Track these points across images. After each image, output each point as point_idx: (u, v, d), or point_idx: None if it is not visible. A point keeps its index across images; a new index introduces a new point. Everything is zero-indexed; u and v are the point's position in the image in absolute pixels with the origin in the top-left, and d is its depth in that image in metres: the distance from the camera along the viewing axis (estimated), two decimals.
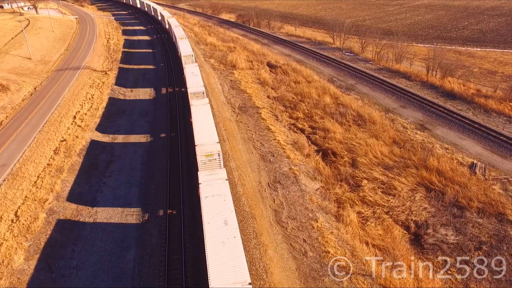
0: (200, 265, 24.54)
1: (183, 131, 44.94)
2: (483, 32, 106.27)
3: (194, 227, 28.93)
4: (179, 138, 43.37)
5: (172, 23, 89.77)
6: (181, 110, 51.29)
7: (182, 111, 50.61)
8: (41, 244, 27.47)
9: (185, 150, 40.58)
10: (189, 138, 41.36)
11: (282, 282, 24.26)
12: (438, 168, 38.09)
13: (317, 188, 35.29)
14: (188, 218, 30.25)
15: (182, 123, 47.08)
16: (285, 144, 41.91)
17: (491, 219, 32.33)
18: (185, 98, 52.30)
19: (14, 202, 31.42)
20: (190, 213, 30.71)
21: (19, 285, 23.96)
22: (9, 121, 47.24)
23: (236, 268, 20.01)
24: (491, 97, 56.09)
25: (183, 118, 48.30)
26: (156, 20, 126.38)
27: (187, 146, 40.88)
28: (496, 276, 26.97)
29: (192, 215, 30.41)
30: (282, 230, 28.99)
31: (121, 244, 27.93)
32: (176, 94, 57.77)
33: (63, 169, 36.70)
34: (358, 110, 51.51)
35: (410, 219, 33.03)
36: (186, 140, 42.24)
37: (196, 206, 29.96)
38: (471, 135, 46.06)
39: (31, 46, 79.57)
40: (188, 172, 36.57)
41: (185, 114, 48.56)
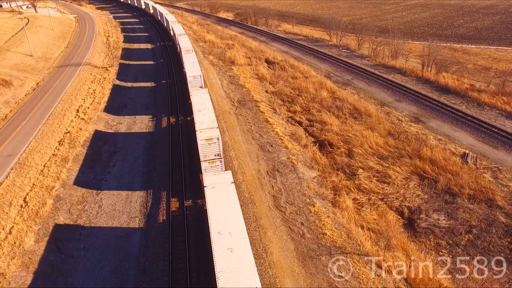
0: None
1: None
2: (478, 30, 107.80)
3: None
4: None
5: (170, 19, 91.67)
6: (180, 101, 53.11)
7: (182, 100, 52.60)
8: (49, 227, 28.64)
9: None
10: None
11: (281, 261, 25.51)
12: (431, 158, 39.42)
13: (314, 176, 36.56)
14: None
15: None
16: (283, 135, 43.18)
17: (481, 205, 33.67)
18: (184, 91, 54.15)
19: (23, 189, 32.61)
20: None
21: (31, 264, 25.14)
22: (13, 114, 48.32)
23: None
24: (484, 91, 57.45)
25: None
26: (155, 18, 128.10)
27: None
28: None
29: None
30: (280, 214, 30.26)
31: (127, 228, 29.12)
32: (176, 85, 60.37)
33: (68, 159, 37.89)
34: (354, 103, 52.82)
35: (404, 205, 34.35)
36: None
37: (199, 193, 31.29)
38: (464, 127, 47.42)
39: (31, 44, 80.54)
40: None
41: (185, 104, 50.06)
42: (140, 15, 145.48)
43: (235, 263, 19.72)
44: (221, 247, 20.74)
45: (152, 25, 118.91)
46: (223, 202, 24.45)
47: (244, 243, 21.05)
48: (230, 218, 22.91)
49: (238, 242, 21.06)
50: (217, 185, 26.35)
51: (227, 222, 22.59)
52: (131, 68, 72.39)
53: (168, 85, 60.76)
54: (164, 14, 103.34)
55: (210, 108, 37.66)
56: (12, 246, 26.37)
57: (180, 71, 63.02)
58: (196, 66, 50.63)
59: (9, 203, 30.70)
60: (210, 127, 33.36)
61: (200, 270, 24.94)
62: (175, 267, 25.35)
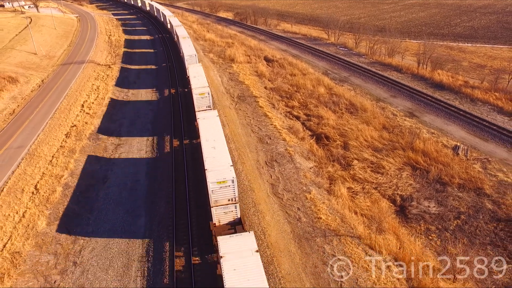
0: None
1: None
2: (474, 29, 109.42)
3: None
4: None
5: (170, 17, 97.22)
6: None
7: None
8: (59, 212, 30.30)
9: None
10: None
11: (278, 242, 27.15)
12: (424, 150, 41.09)
13: (310, 167, 38.21)
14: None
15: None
16: (281, 129, 44.87)
17: (470, 193, 35.34)
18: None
19: (33, 177, 34.30)
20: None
21: (44, 245, 26.80)
22: (20, 109, 49.99)
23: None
24: (478, 87, 59.08)
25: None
26: (153, 16, 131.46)
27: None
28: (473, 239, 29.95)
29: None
30: (278, 200, 31.92)
31: (132, 213, 30.78)
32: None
33: (75, 150, 39.59)
34: (351, 99, 54.49)
35: (396, 194, 36.03)
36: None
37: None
38: (456, 121, 49.08)
39: (35, 42, 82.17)
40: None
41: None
42: (141, 15, 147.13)
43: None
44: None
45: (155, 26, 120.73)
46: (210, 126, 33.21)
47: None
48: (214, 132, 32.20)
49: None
50: (207, 117, 35.15)
51: (213, 135, 31.62)
52: (133, 62, 74.25)
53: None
54: (161, 10, 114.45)
55: (203, 75, 47.81)
56: (26, 228, 28.06)
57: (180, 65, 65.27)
58: (191, 48, 60.91)
59: (22, 190, 32.40)
60: (202, 86, 43.99)
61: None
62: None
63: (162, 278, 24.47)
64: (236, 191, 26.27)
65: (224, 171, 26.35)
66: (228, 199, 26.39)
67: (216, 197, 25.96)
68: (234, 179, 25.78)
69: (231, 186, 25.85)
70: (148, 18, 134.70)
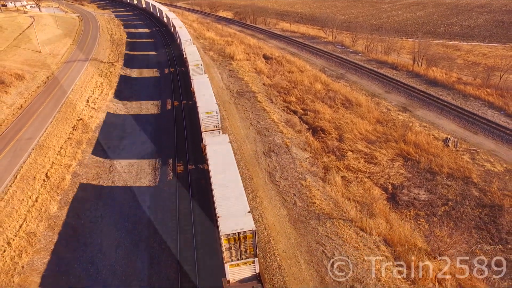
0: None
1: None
2: (470, 28, 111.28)
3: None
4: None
5: (164, 10, 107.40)
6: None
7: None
8: (69, 198, 32.25)
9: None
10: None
11: (275, 224, 29.06)
12: (416, 142, 42.95)
13: (306, 157, 40.11)
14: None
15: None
16: (279, 122, 46.76)
17: (458, 182, 37.19)
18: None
19: (44, 166, 36.25)
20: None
21: (56, 227, 28.72)
22: (28, 104, 51.92)
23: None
24: (471, 84, 60.93)
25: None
26: (154, 15, 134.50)
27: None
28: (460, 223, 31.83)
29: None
30: (275, 187, 33.82)
31: (138, 199, 32.70)
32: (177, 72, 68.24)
33: (82, 142, 41.54)
34: (346, 95, 56.35)
35: (388, 182, 37.90)
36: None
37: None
38: (448, 115, 50.95)
39: (39, 41, 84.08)
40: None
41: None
42: (143, 14, 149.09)
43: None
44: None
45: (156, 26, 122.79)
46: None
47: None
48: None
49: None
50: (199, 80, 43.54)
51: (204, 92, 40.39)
52: (135, 61, 76.27)
53: (170, 73, 64.86)
54: (157, 6, 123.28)
55: (197, 54, 55.33)
56: (39, 211, 29.98)
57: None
58: (187, 34, 71.48)
59: (33, 177, 34.35)
60: (197, 59, 51.43)
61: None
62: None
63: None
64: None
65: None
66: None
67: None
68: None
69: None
70: (149, 19, 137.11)
